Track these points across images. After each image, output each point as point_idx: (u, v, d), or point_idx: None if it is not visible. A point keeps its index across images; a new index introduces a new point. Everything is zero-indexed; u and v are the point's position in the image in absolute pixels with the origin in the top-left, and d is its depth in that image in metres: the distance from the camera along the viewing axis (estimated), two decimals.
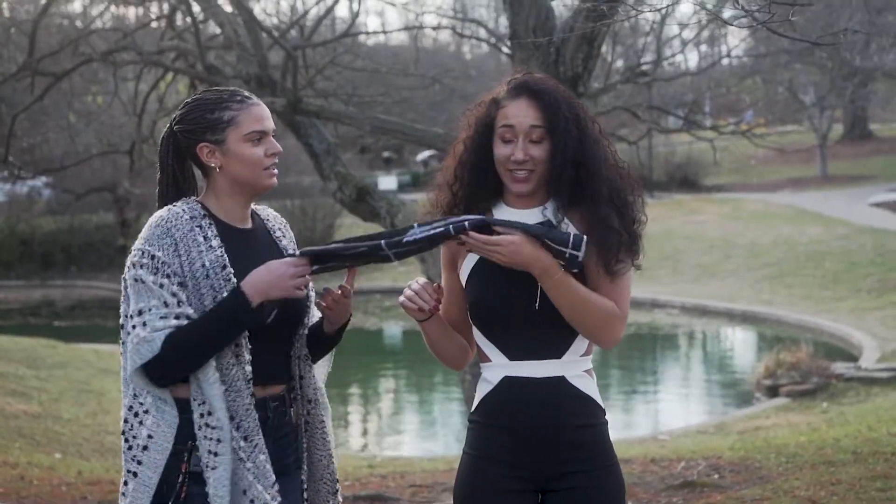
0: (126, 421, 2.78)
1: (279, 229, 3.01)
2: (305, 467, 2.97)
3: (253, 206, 2.98)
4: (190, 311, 2.73)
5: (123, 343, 2.77)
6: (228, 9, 8.59)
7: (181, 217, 2.79)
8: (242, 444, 2.75)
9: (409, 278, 3.04)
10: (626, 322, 2.91)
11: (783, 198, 30.80)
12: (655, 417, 13.79)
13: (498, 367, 2.92)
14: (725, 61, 23.21)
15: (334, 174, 7.99)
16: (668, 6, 5.73)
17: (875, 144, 40.53)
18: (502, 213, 2.96)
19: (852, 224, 24.51)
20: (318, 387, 3.01)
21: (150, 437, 2.75)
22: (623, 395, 14.63)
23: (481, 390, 2.97)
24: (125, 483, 2.78)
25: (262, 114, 2.86)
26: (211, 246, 2.78)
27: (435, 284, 2.91)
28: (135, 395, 2.77)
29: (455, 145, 3.02)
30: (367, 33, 11.46)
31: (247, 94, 2.89)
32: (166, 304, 2.73)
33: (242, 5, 8.19)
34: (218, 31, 9.05)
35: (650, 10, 4.63)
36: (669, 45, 13.17)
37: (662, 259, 22.54)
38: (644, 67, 10.08)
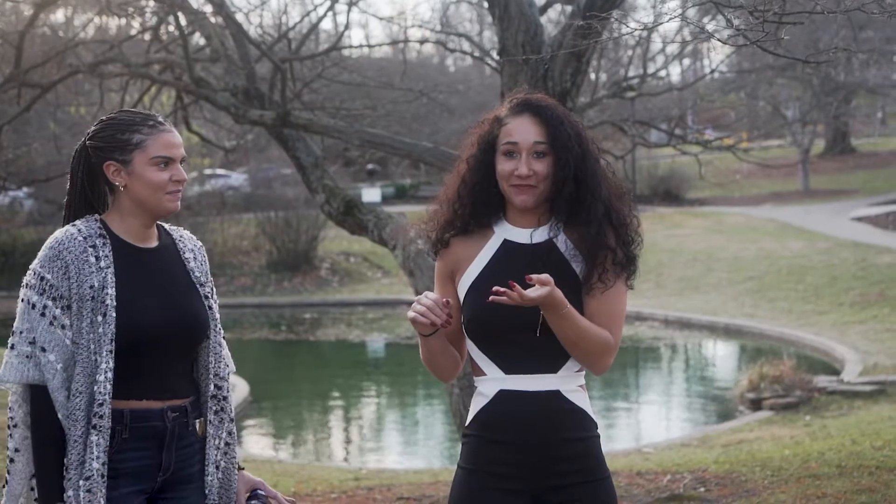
0: (7, 427, 2.94)
1: (190, 251, 3.12)
2: (212, 481, 3.06)
3: (168, 226, 3.13)
4: (68, 336, 2.88)
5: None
6: (216, 21, 8.59)
7: (75, 238, 2.94)
8: (65, 473, 2.87)
9: (393, 291, 3.07)
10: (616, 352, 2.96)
11: (765, 212, 30.93)
12: (639, 430, 13.81)
13: (493, 381, 2.95)
14: (709, 77, 23.33)
15: (322, 187, 7.99)
16: (656, 24, 5.78)
17: (857, 159, 40.80)
18: (503, 229, 2.99)
19: (834, 238, 24.63)
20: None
21: (16, 450, 2.91)
22: (607, 408, 14.65)
23: (476, 404, 2.99)
24: (4, 484, 2.94)
25: (171, 140, 3.00)
26: (100, 267, 2.92)
27: (444, 300, 2.92)
28: (10, 406, 2.93)
29: (458, 164, 3.06)
30: (354, 47, 11.45)
31: (161, 119, 3.02)
32: (33, 342, 2.87)
33: (230, 18, 8.20)
34: (205, 43, 9.05)
35: (638, 30, 4.66)
36: (654, 59, 13.26)
37: (645, 272, 22.56)
38: (631, 82, 10.14)
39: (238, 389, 14.45)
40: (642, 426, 14.07)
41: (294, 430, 14.35)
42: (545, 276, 2.78)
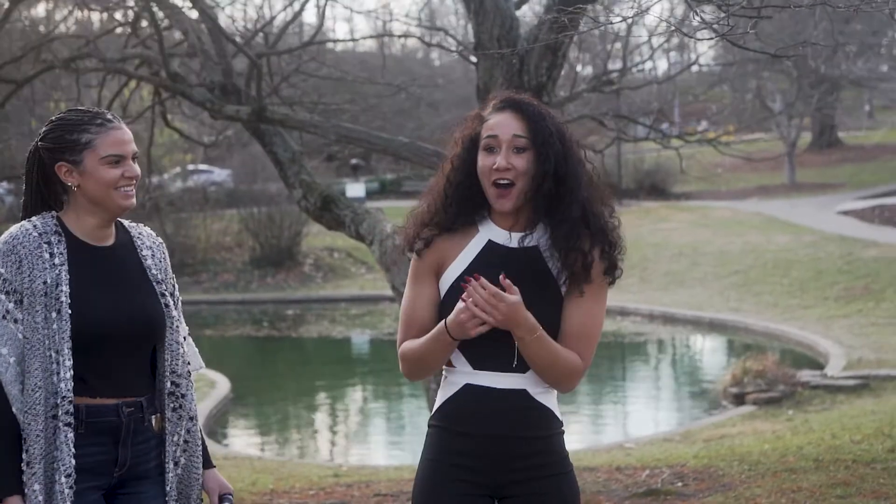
0: None
1: (148, 248, 3.13)
2: (173, 482, 3.07)
3: (128, 223, 3.14)
4: (20, 330, 2.88)
5: None
6: (193, 16, 8.53)
7: (30, 234, 2.95)
8: (25, 468, 2.88)
9: (377, 286, 3.05)
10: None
11: (751, 205, 30.97)
12: (623, 426, 13.80)
13: (461, 374, 2.94)
14: (694, 69, 23.32)
15: (299, 182, 7.94)
16: (632, 16, 5.74)
17: (843, 152, 40.86)
18: (489, 229, 2.97)
19: (820, 232, 24.67)
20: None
21: None
22: (591, 403, 14.64)
23: (442, 395, 2.99)
24: None
25: (120, 137, 3.00)
26: (54, 264, 2.93)
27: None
28: None
29: (443, 163, 3.05)
30: (333, 41, 11.40)
31: (109, 116, 3.01)
32: None
33: (206, 13, 8.14)
34: (182, 38, 8.99)
35: (611, 23, 4.63)
36: (638, 52, 13.23)
37: (630, 267, 22.42)
38: (611, 76, 10.10)
39: (219, 386, 14.40)
40: (627, 422, 14.07)
41: (276, 428, 14.30)
42: (515, 298, 2.78)
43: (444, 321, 2.85)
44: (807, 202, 30.66)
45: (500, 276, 2.81)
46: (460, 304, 2.82)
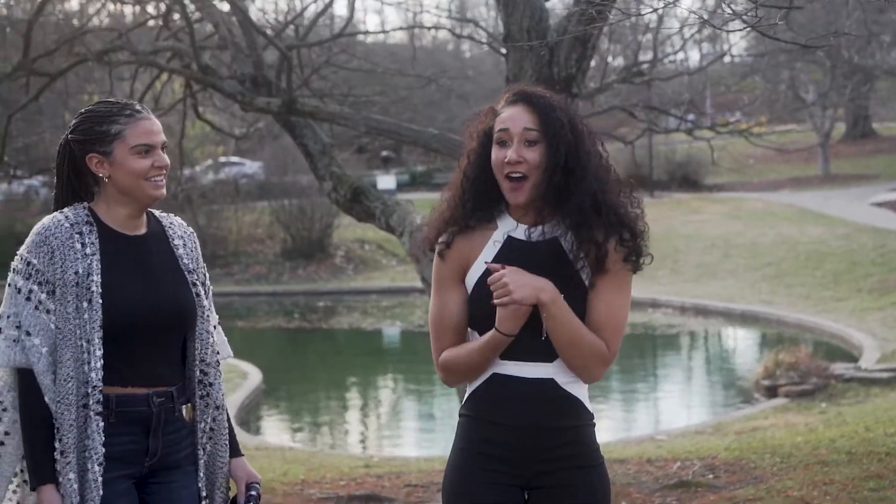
0: None
1: (180, 238, 3.15)
2: (203, 469, 3.10)
3: (159, 213, 3.16)
4: (52, 320, 2.91)
5: None
6: (224, 8, 8.57)
7: (61, 225, 2.97)
8: (59, 458, 2.90)
9: (408, 278, 3.06)
10: (611, 364, 2.94)
11: (784, 197, 30.74)
12: (654, 418, 13.76)
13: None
14: (727, 60, 23.18)
15: (329, 174, 7.96)
16: (662, 7, 5.72)
17: (877, 143, 40.42)
18: (507, 224, 2.97)
19: (853, 224, 24.46)
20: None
21: (6, 433, 2.94)
22: (622, 395, 14.61)
23: (471, 385, 2.99)
24: None
25: (149, 128, 3.02)
26: (85, 254, 2.95)
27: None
28: None
29: (461, 159, 3.06)
30: (363, 33, 11.44)
31: (138, 107, 3.04)
32: (19, 326, 2.90)
33: (237, 5, 8.17)
34: (213, 30, 9.02)
35: (640, 14, 4.61)
36: (669, 43, 13.16)
37: (662, 259, 22.47)
38: (642, 67, 10.06)
39: (251, 378, 14.48)
40: (659, 414, 14.03)
41: (307, 418, 14.37)
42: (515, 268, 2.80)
43: (494, 327, 2.85)
44: (840, 194, 30.39)
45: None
46: (499, 310, 2.82)
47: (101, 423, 2.90)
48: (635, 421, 13.47)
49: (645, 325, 18.79)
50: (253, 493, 3.15)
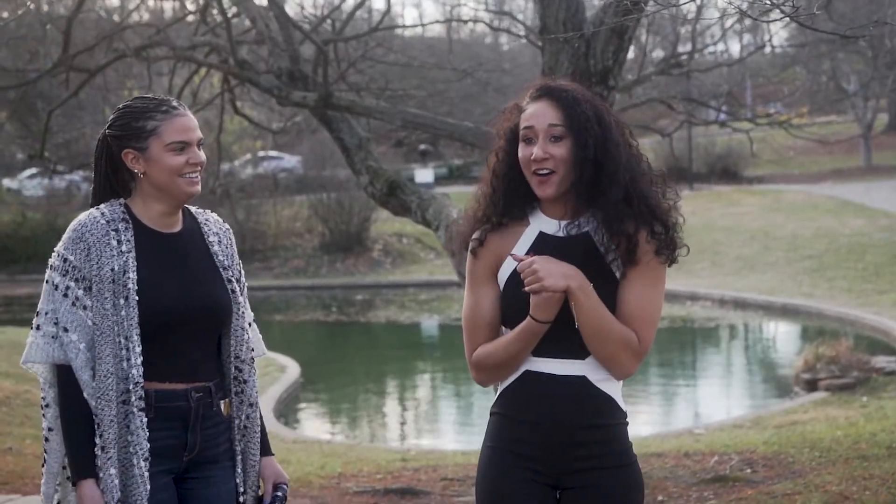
0: (41, 407, 3.02)
1: (215, 234, 3.15)
2: (240, 465, 3.13)
3: (195, 209, 3.17)
4: (89, 316, 2.93)
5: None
6: (261, 3, 8.59)
7: (97, 221, 2.99)
8: (99, 453, 2.91)
9: (445, 272, 3.06)
10: (644, 358, 2.90)
11: (825, 189, 30.46)
12: (693, 411, 13.69)
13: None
14: (767, 50, 22.97)
15: (365, 168, 7.97)
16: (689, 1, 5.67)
17: None
18: (539, 221, 2.96)
19: None
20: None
21: (50, 429, 2.97)
22: (660, 388, 14.54)
23: (503, 382, 2.97)
24: (43, 463, 3.00)
25: (185, 124, 3.03)
26: (121, 251, 2.97)
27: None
28: (42, 387, 2.99)
29: (489, 157, 3.05)
30: (400, 27, 11.42)
31: (174, 104, 3.05)
32: (56, 323, 2.92)
33: (274, 0, 8.19)
34: (250, 25, 9.06)
35: (677, 5, 4.58)
36: (709, 33, 13.05)
37: (701, 251, 22.36)
38: (680, 58, 9.99)
39: (290, 371, 14.54)
40: (697, 407, 13.95)
41: (345, 412, 14.41)
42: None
43: (529, 315, 2.83)
44: (882, 185, 30.05)
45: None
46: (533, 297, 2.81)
47: (145, 419, 2.93)
48: (674, 414, 13.40)
49: (684, 319, 18.68)
50: (279, 493, 3.14)
